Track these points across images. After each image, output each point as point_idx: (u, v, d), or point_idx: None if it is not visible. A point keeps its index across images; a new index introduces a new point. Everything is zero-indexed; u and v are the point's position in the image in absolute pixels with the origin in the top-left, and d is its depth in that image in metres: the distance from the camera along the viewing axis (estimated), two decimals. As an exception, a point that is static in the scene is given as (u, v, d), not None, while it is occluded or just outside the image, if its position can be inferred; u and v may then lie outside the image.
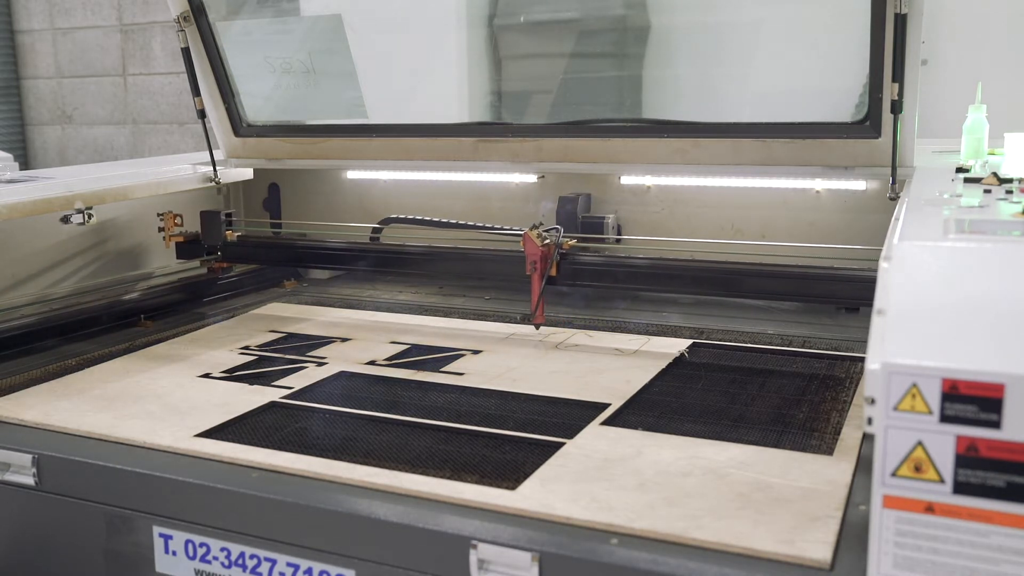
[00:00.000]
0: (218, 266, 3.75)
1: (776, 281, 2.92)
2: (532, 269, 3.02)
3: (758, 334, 3.10)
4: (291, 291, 3.95)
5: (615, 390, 2.53)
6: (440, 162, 3.66)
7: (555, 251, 3.03)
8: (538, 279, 3.02)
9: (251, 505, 1.97)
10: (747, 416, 2.33)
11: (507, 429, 2.27)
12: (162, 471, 2.08)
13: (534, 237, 3.00)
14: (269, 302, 3.72)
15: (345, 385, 2.66)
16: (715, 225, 3.54)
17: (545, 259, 3.01)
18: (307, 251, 3.64)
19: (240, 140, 3.89)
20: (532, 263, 3.01)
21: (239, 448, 2.16)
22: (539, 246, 3.00)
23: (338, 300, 3.74)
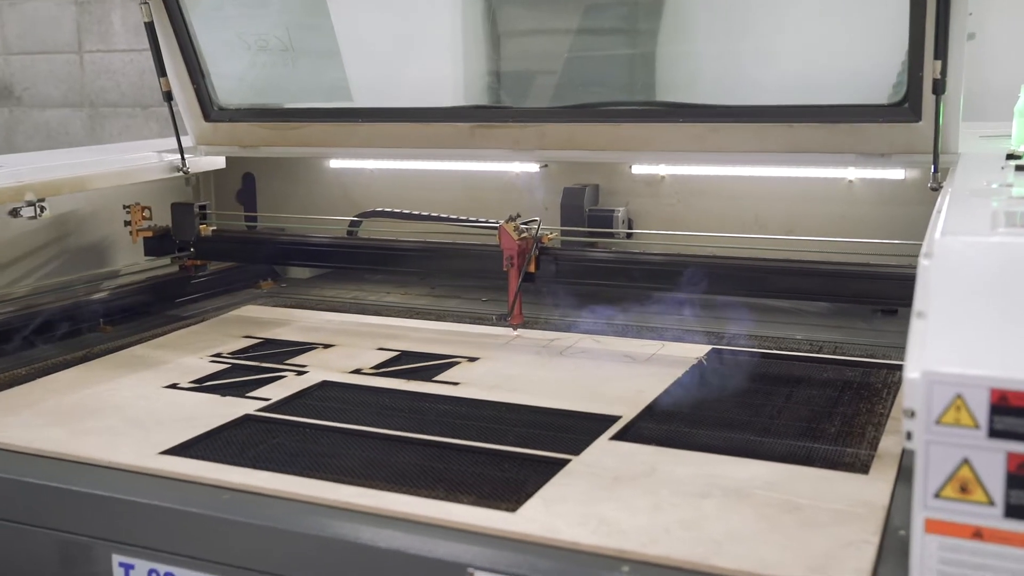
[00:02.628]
0: (190, 263, 3.75)
1: (804, 280, 2.91)
2: (508, 265, 3.03)
3: (785, 339, 3.09)
4: (268, 292, 3.94)
5: (626, 401, 2.52)
6: (433, 150, 3.65)
7: (534, 245, 3.04)
8: (515, 275, 3.02)
9: (223, 530, 1.96)
10: (773, 430, 2.32)
11: (507, 444, 2.26)
12: (123, 492, 2.06)
13: (510, 230, 3.01)
14: (243, 304, 3.71)
15: (328, 396, 2.65)
16: (736, 219, 3.53)
17: (523, 254, 3.02)
18: (285, 248, 3.64)
19: (211, 125, 3.88)
20: (508, 258, 3.02)
21: (210, 467, 2.15)
22: (516, 239, 3.01)
23: (320, 302, 3.73)
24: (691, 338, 3.11)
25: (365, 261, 3.54)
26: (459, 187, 3.91)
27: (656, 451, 2.20)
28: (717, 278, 2.95)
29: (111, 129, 7.07)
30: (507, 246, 3.02)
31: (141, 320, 3.51)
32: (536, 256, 3.05)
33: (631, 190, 3.68)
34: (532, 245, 3.03)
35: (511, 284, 3.04)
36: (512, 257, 3.01)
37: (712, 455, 2.17)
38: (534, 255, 3.04)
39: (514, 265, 3.01)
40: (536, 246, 3.05)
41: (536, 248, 3.05)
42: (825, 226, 3.38)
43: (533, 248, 3.03)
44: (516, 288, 3.01)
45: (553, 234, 3.16)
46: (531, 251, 3.02)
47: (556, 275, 3.13)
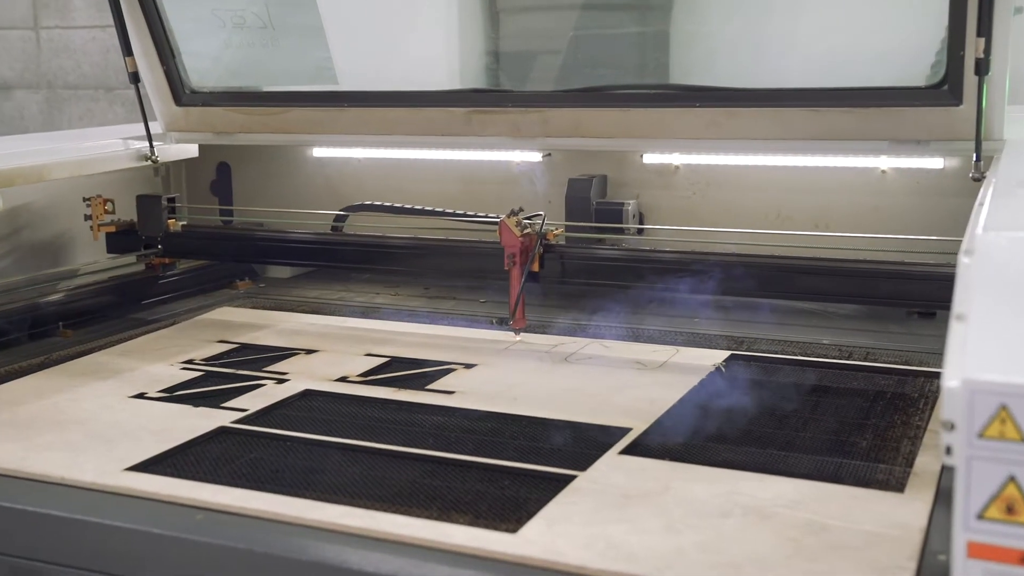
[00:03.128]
0: (158, 262, 3.74)
1: (832, 279, 2.91)
2: (511, 263, 3.02)
3: (811, 344, 3.08)
4: (245, 293, 3.94)
5: (637, 411, 2.52)
6: (425, 137, 3.65)
7: (538, 242, 3.03)
8: (517, 275, 3.02)
9: (195, 553, 1.95)
10: (798, 444, 2.32)
11: (506, 459, 2.25)
12: (85, 513, 2.05)
13: (512, 225, 3.00)
14: (218, 306, 3.70)
15: (311, 406, 2.65)
16: (758, 212, 3.52)
17: (526, 251, 3.02)
18: (264, 244, 3.64)
19: (182, 110, 3.88)
20: (510, 256, 3.02)
21: (181, 484, 2.14)
22: (518, 236, 3.00)
23: (302, 303, 3.73)
24: (708, 343, 3.11)
25: (351, 259, 3.54)
26: (454, 178, 3.91)
27: (670, 467, 2.19)
28: (736, 278, 2.95)
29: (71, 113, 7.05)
30: (509, 243, 3.02)
31: (104, 324, 3.51)
32: (541, 254, 3.05)
33: (642, 181, 3.67)
34: (536, 242, 3.03)
35: (513, 285, 3.03)
36: (514, 255, 3.01)
37: (731, 471, 2.16)
38: (538, 253, 3.03)
39: (516, 264, 3.01)
40: (540, 243, 3.04)
41: (540, 245, 3.04)
42: (855, 220, 3.38)
43: (537, 245, 3.03)
44: (519, 289, 3.01)
45: (559, 230, 3.16)
46: (535, 249, 3.02)
47: (562, 275, 3.12)
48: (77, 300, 3.52)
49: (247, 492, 2.09)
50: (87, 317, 3.51)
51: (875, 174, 3.36)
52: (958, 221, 2.55)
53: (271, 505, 2.03)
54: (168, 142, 3.91)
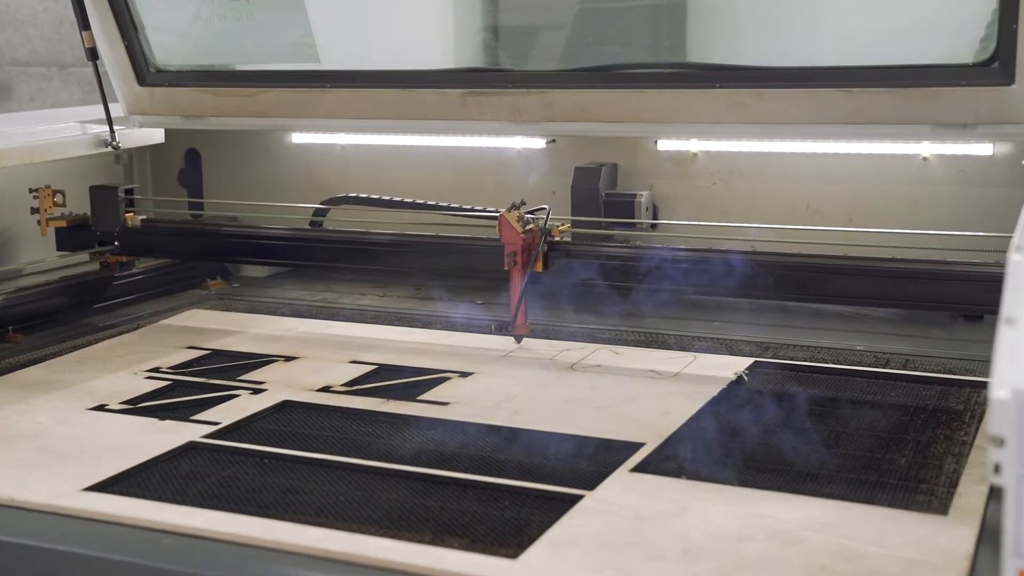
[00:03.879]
0: (114, 260, 3.72)
1: (865, 281, 2.90)
2: (511, 263, 3.01)
3: (843, 351, 3.08)
4: (217, 293, 3.93)
5: (650, 425, 2.52)
6: (416, 122, 3.65)
7: (542, 239, 3.03)
8: (519, 276, 3.01)
9: (161, 581, 1.95)
10: (828, 461, 2.32)
11: (506, 477, 2.25)
12: (37, 538, 2.05)
13: (513, 220, 2.99)
14: (186, 308, 3.70)
15: (290, 419, 2.65)
16: (785, 204, 3.52)
17: (528, 249, 3.01)
18: (238, 240, 3.63)
19: (146, 91, 3.88)
20: (511, 255, 3.01)
21: (145, 505, 2.14)
22: (520, 232, 2.99)
23: (280, 305, 3.73)
24: (729, 349, 3.10)
25: (332, 258, 3.52)
26: (448, 167, 3.90)
27: (686, 486, 2.19)
28: (758, 279, 2.94)
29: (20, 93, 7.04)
30: (509, 240, 3.01)
31: (60, 328, 3.50)
32: (545, 252, 3.04)
33: (656, 170, 3.67)
34: (540, 239, 3.02)
35: (514, 286, 3.02)
36: (516, 254, 3.00)
37: (754, 491, 2.16)
38: (542, 251, 3.03)
39: (518, 263, 3.00)
40: (544, 240, 3.03)
41: (545, 242, 3.04)
42: (893, 214, 3.37)
43: (541, 242, 3.02)
44: (520, 291, 3.00)
45: (565, 225, 3.15)
46: (539, 246, 3.01)
47: (570, 275, 3.11)
48: (25, 302, 3.48)
49: (219, 514, 2.09)
50: (39, 321, 3.50)
51: (916, 162, 3.36)
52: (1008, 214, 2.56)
53: (246, 528, 2.03)
54: (130, 126, 3.91)
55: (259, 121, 3.84)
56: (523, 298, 3.02)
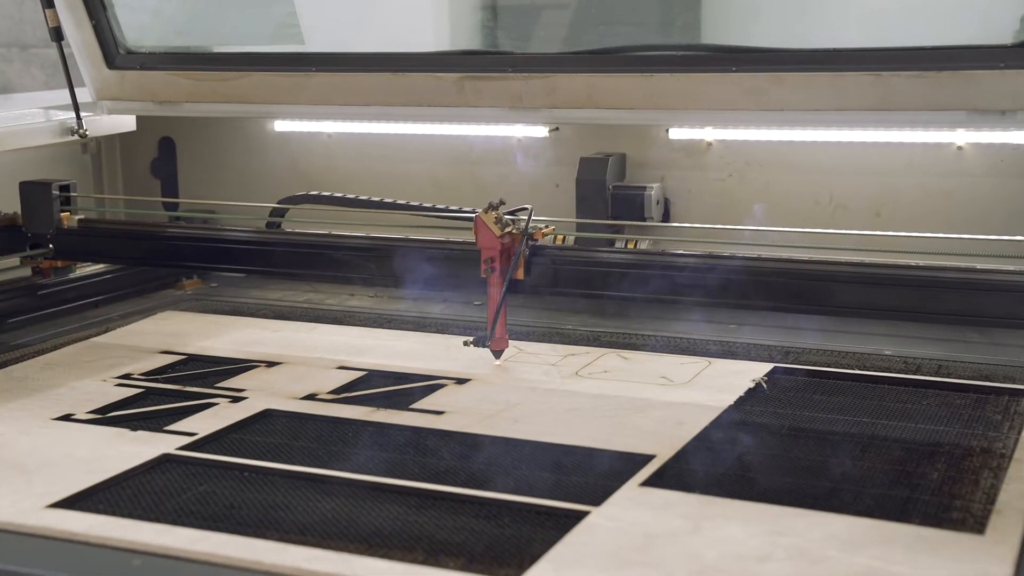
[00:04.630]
0: (47, 265, 3.67)
1: (893, 292, 2.89)
2: (488, 270, 2.98)
3: (870, 356, 3.08)
4: (193, 294, 3.93)
5: (661, 436, 2.52)
6: (408, 108, 3.65)
7: (522, 242, 3.02)
8: (497, 284, 3.00)
9: (133, 604, 1.95)
10: (854, 475, 2.32)
11: (506, 492, 2.25)
12: None
13: (490, 222, 2.97)
14: (160, 310, 3.70)
15: (272, 429, 2.65)
16: (806, 198, 3.52)
17: (507, 254, 3.00)
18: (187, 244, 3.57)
19: (116, 74, 3.88)
20: (488, 260, 2.98)
21: (115, 523, 2.13)
22: (497, 235, 2.98)
23: (262, 307, 3.73)
24: (747, 353, 3.10)
25: (291, 263, 3.47)
26: (442, 158, 3.90)
27: (701, 501, 2.19)
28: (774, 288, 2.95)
29: (-25, 76, 7.03)
30: (486, 244, 2.98)
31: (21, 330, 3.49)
32: (526, 258, 3.03)
33: (668, 161, 3.67)
34: (521, 243, 3.01)
35: (491, 296, 3.01)
36: (493, 259, 2.99)
37: (774, 507, 2.16)
38: (523, 256, 3.02)
39: (495, 270, 2.99)
40: (526, 244, 3.02)
41: (526, 246, 3.03)
42: (925, 208, 3.38)
43: (522, 246, 3.01)
44: (499, 301, 2.99)
45: (549, 228, 3.13)
46: (519, 251, 3.01)
47: (554, 283, 3.10)
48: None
49: (196, 532, 2.08)
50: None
51: (949, 151, 3.36)
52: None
53: (224, 548, 2.02)
54: (99, 113, 3.91)
55: (239, 108, 3.83)
56: (501, 308, 2.99)
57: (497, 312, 2.98)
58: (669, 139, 3.65)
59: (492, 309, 2.99)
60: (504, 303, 2.99)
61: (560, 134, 3.74)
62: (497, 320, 2.98)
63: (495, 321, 2.98)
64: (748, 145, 3.58)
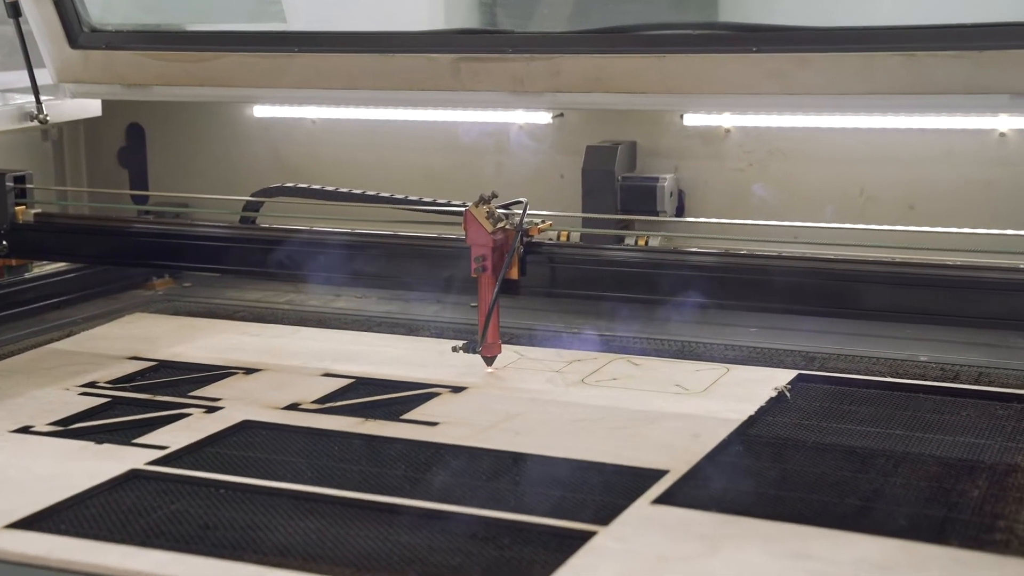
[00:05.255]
0: (0, 263, 3.65)
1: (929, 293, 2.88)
2: (480, 268, 2.99)
3: (903, 362, 3.08)
4: (164, 294, 3.93)
5: (675, 449, 2.51)
6: (400, 93, 3.64)
7: (516, 239, 3.02)
8: (489, 284, 3.00)
9: (98, 634, 1.95)
10: (887, 492, 2.31)
11: (505, 511, 2.24)
12: (-44, 580, 2.05)
13: (481, 217, 2.97)
14: (127, 312, 3.69)
15: (251, 442, 2.64)
16: (834, 189, 3.52)
17: (500, 252, 3.00)
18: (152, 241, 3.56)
19: (79, 54, 3.87)
20: (479, 259, 2.98)
21: (79, 545, 2.12)
22: (489, 231, 2.98)
23: (240, 308, 3.73)
24: (768, 359, 3.10)
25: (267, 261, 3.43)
26: (437, 147, 3.90)
27: (718, 521, 2.18)
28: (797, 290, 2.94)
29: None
30: (477, 241, 2.98)
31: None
32: (520, 256, 3.03)
33: (682, 150, 3.67)
34: (514, 239, 3.01)
35: (482, 297, 3.01)
36: (484, 257, 2.99)
37: (798, 526, 2.15)
38: (517, 254, 3.02)
39: (487, 269, 3.00)
40: (520, 240, 3.02)
41: (521, 243, 3.02)
42: (963, 200, 3.38)
43: (516, 243, 3.01)
44: (491, 303, 2.99)
45: (546, 223, 3.13)
46: (513, 248, 3.00)
47: (551, 284, 3.10)
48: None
49: (167, 555, 2.08)
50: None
51: (991, 138, 3.36)
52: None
53: (199, 571, 2.02)
54: (61, 96, 3.90)
55: (214, 91, 3.83)
56: (493, 310, 2.98)
57: (489, 315, 2.98)
58: (684, 126, 3.65)
59: (483, 311, 2.99)
60: (496, 305, 2.98)
61: (565, 120, 3.74)
62: (489, 323, 2.98)
63: (487, 324, 2.98)
64: (770, 132, 3.58)
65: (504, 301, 3.06)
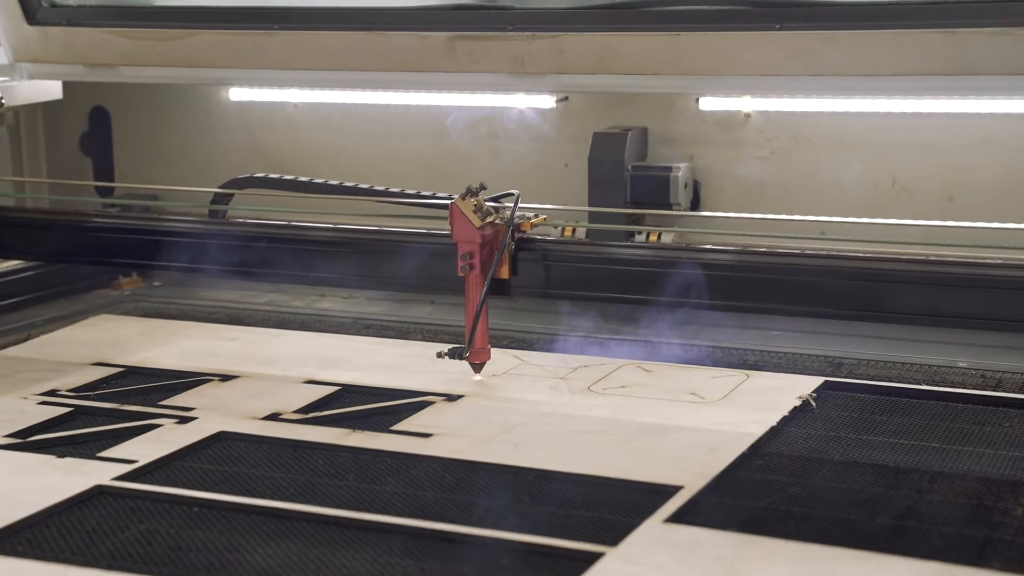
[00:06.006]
0: None
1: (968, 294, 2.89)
2: (467, 267, 2.99)
3: (941, 368, 3.08)
4: (132, 294, 3.94)
5: (690, 463, 2.52)
6: (390, 74, 3.64)
7: (507, 234, 3.03)
8: (477, 284, 3.00)
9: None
10: (921, 510, 2.31)
11: (506, 530, 2.24)
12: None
13: (468, 210, 2.98)
14: (93, 313, 3.70)
15: (228, 456, 2.64)
16: (864, 180, 3.52)
17: (490, 249, 3.01)
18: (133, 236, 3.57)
19: (38, 31, 3.87)
20: (466, 256, 2.99)
21: (38, 569, 2.12)
22: (477, 226, 2.99)
23: (215, 310, 3.73)
24: (792, 365, 3.11)
25: (245, 259, 3.46)
26: (429, 132, 3.90)
27: (737, 541, 2.18)
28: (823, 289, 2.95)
29: None
30: (464, 236, 2.99)
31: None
32: (512, 253, 3.04)
33: (698, 137, 3.67)
34: (505, 235, 3.02)
35: (469, 298, 3.02)
36: (472, 255, 2.99)
37: (824, 547, 2.15)
38: (507, 251, 3.02)
39: (474, 267, 3.00)
40: (511, 236, 3.03)
41: (512, 239, 3.03)
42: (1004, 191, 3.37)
43: (506, 239, 3.02)
44: (479, 304, 2.99)
45: (539, 217, 3.13)
46: (503, 245, 3.01)
47: (546, 284, 3.11)
48: None
49: (135, 578, 2.08)
50: None
51: (1035, 123, 3.37)
52: None
53: (169, 596, 2.03)
54: (18, 77, 3.90)
55: (186, 72, 3.83)
56: (481, 312, 2.98)
57: (476, 317, 2.98)
58: (699, 110, 3.65)
59: (470, 314, 2.99)
60: (485, 307, 2.98)
61: (569, 104, 3.74)
62: (476, 327, 2.98)
63: (474, 328, 2.98)
64: (794, 117, 3.58)
65: (503, 302, 3.06)
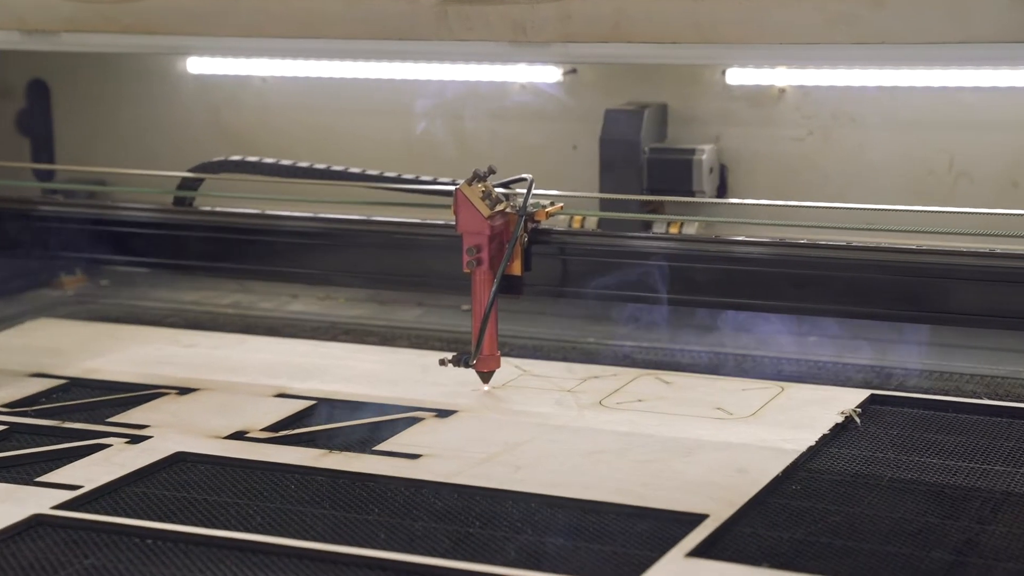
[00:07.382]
0: None
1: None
2: (474, 262, 3.02)
3: (1003, 379, 3.09)
4: (76, 295, 3.95)
5: (717, 488, 2.52)
6: (372, 43, 3.64)
7: (519, 225, 3.05)
8: (485, 282, 3.02)
9: None
10: (982, 543, 2.32)
11: (506, 566, 2.24)
12: None
13: (475, 198, 3.00)
14: (29, 317, 3.72)
15: (186, 480, 2.65)
16: (916, 164, 3.53)
17: (499, 242, 3.03)
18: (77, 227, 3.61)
19: (-31, -6, 3.89)
20: (473, 250, 3.01)
21: (-29, 605, 2.15)
22: (485, 215, 3.01)
23: (171, 313, 3.74)
24: (833, 376, 3.12)
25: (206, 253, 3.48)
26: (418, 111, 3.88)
27: (773, 578, 2.20)
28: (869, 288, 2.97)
29: None
30: (470, 227, 3.01)
31: None
32: (524, 246, 3.06)
33: (725, 114, 3.68)
34: (517, 226, 3.03)
35: (476, 298, 3.03)
36: (479, 248, 3.01)
37: (873, 585, 2.16)
38: (519, 245, 3.04)
39: (482, 263, 3.02)
40: (524, 227, 3.05)
41: (524, 231, 3.05)
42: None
43: (518, 231, 3.03)
44: (488, 305, 3.00)
45: (555, 205, 3.14)
46: (515, 237, 3.03)
47: (562, 282, 3.13)
48: None
49: (80, 619, 2.10)
50: None
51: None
52: None
53: (120, 640, 2.04)
54: (-53, 47, 3.92)
55: (138, 40, 3.83)
56: (490, 314, 3.00)
57: (485, 320, 2.99)
58: (726, 84, 3.65)
59: (478, 316, 3.00)
60: (495, 307, 2.99)
61: (578, 78, 3.74)
62: (485, 331, 2.99)
63: (482, 332, 2.99)
64: (835, 92, 3.58)
65: (504, 303, 3.07)
